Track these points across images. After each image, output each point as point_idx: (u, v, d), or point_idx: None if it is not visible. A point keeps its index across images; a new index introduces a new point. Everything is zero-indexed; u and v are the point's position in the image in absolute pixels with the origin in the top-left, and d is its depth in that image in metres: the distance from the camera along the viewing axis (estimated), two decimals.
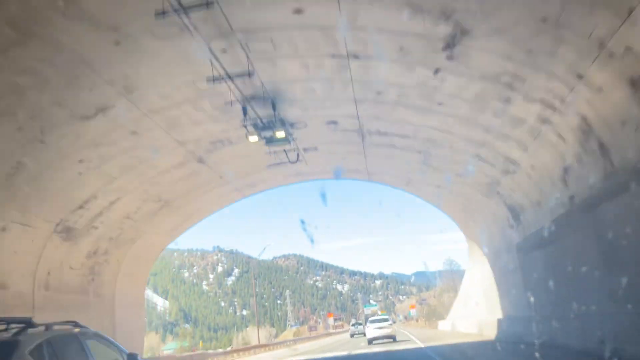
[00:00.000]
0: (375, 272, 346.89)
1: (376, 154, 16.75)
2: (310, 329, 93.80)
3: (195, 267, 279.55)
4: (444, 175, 16.98)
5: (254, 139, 13.50)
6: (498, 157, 13.52)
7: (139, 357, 5.66)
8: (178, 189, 16.55)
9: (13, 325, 4.41)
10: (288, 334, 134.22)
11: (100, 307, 16.27)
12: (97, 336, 5.40)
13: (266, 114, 12.88)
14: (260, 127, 13.34)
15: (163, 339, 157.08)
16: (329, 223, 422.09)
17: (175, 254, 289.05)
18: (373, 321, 30.08)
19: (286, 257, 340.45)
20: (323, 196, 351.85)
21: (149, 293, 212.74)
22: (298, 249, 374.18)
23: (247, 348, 33.72)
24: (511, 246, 17.06)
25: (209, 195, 18.26)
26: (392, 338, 28.28)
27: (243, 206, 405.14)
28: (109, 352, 5.36)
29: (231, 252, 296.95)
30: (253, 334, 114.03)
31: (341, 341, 45.85)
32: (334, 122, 14.41)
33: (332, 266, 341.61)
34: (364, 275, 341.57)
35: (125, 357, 5.43)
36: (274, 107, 12.73)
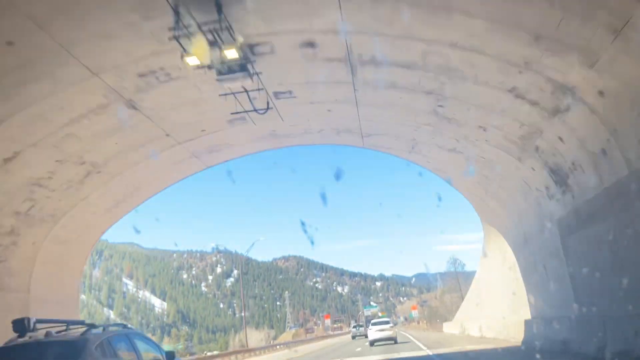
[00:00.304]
0: (376, 273, 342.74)
1: (372, 101, 12.52)
2: (307, 331, 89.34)
3: (194, 269, 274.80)
4: (462, 130, 12.75)
5: (192, 61, 9.30)
6: (545, 87, 9.30)
7: (176, 355, 6.78)
8: (107, 148, 12.34)
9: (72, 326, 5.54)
10: (287, 335, 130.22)
11: (4, 304, 12.08)
12: (141, 336, 6.48)
13: (209, 19, 8.72)
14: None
15: (160, 341, 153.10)
16: (329, 224, 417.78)
17: (174, 255, 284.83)
18: (375, 323, 30.57)
19: (286, 258, 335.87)
20: (323, 196, 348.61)
21: (147, 294, 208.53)
22: (298, 251, 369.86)
23: (227, 353, 29.55)
24: (549, 224, 12.87)
25: (157, 160, 14.04)
26: (393, 340, 28.28)
27: (242, 206, 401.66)
28: (150, 349, 6.30)
29: (230, 253, 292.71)
30: (251, 336, 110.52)
31: (338, 344, 41.78)
32: (311, 45, 10.19)
33: (332, 267, 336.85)
34: (364, 277, 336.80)
35: (164, 355, 6.42)
36: (218, 6, 8.56)
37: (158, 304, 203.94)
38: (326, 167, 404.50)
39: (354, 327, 61.30)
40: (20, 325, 4.93)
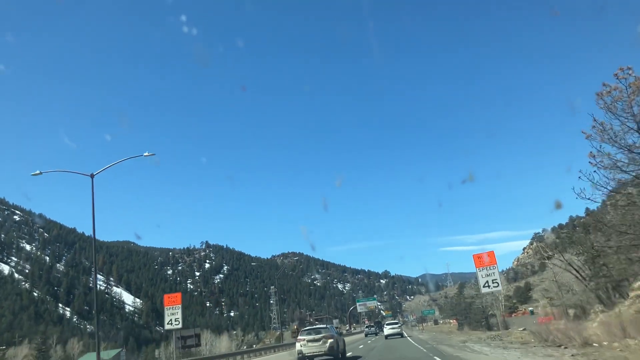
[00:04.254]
0: (380, 270, 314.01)
1: None
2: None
3: (180, 264, 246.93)
4: None
5: None
6: None
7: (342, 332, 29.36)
8: None
9: None
10: (271, 338, 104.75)
11: None
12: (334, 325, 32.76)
13: None
14: None
15: (126, 343, 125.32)
16: (333, 225, 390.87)
17: (170, 253, 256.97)
18: (388, 324, 47.68)
19: (285, 255, 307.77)
20: (324, 204, 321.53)
21: (118, 291, 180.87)
22: (299, 247, 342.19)
23: None
24: None
25: None
26: (400, 334, 43.82)
27: (241, 203, 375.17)
28: (334, 329, 20.69)
29: (221, 247, 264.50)
30: (221, 341, 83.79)
31: None
32: None
33: (333, 265, 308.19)
34: (368, 274, 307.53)
35: (337, 332, 20.68)
36: None
37: (130, 301, 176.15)
38: (331, 169, 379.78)
39: (367, 327, 72.51)
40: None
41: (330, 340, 17.71)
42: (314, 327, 20.22)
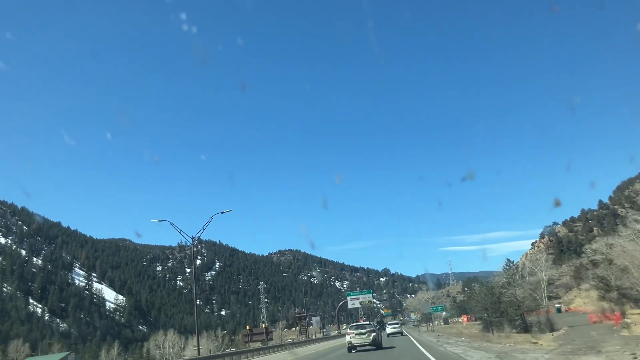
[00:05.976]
0: (380, 268, 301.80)
1: None
2: None
3: (170, 260, 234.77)
4: None
5: None
6: None
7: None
8: None
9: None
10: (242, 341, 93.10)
11: None
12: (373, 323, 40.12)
13: None
14: None
15: (102, 346, 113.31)
16: (331, 224, 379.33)
17: (165, 250, 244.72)
18: (390, 324, 56.03)
19: (282, 252, 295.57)
20: (323, 202, 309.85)
21: (99, 287, 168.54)
22: (296, 245, 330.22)
23: None
24: None
25: None
26: (400, 333, 50.28)
27: (239, 200, 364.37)
28: (374, 325, 28.74)
29: (214, 243, 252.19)
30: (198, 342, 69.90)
31: None
32: None
33: (331, 262, 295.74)
34: (367, 272, 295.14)
35: (376, 327, 29.58)
36: None
37: (112, 298, 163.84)
38: (330, 168, 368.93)
39: None
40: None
41: (373, 334, 24.14)
42: (360, 323, 27.17)
